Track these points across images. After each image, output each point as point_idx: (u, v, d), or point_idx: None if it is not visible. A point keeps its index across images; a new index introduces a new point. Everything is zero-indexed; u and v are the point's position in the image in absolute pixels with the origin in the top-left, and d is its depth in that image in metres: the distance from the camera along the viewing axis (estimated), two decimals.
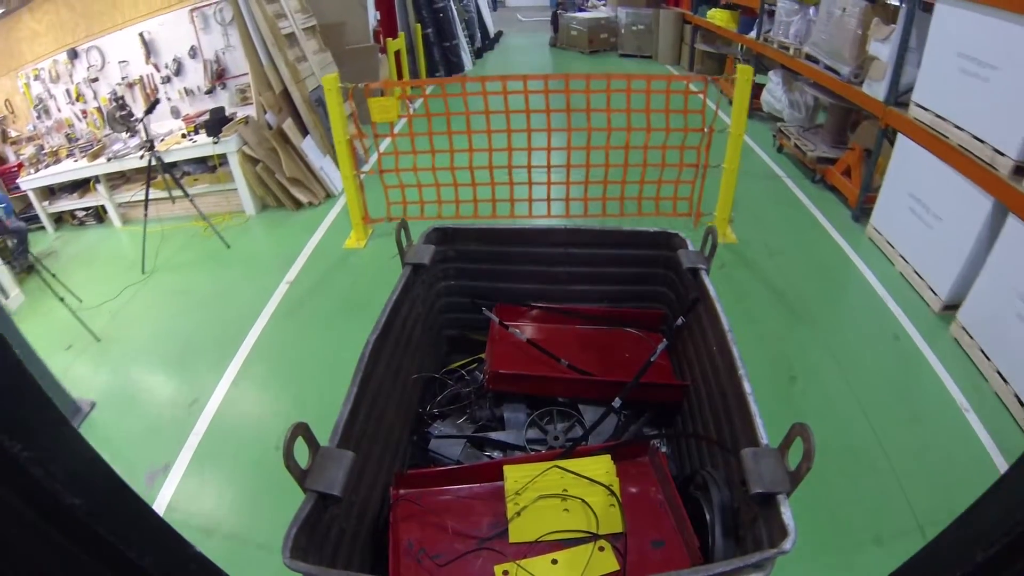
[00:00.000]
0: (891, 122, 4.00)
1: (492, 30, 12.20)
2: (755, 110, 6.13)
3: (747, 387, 1.38)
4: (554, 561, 1.40)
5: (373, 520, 1.50)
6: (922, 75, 3.70)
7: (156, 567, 0.63)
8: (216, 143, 4.68)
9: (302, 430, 1.22)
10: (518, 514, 1.51)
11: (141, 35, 5.22)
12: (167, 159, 4.78)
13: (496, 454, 1.83)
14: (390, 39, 7.20)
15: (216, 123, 4.77)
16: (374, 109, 3.67)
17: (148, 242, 4.44)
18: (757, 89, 5.55)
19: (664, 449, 1.85)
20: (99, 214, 5.40)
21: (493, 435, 1.85)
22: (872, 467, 2.52)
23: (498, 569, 1.38)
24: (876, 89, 4.12)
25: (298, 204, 4.96)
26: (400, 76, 7.62)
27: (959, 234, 3.35)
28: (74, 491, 0.54)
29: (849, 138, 5.17)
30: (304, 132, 5.03)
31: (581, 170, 4.09)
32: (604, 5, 12.52)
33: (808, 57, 5.10)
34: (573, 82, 3.83)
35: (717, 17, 7.57)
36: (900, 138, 3.95)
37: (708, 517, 1.38)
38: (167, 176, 4.47)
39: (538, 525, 1.48)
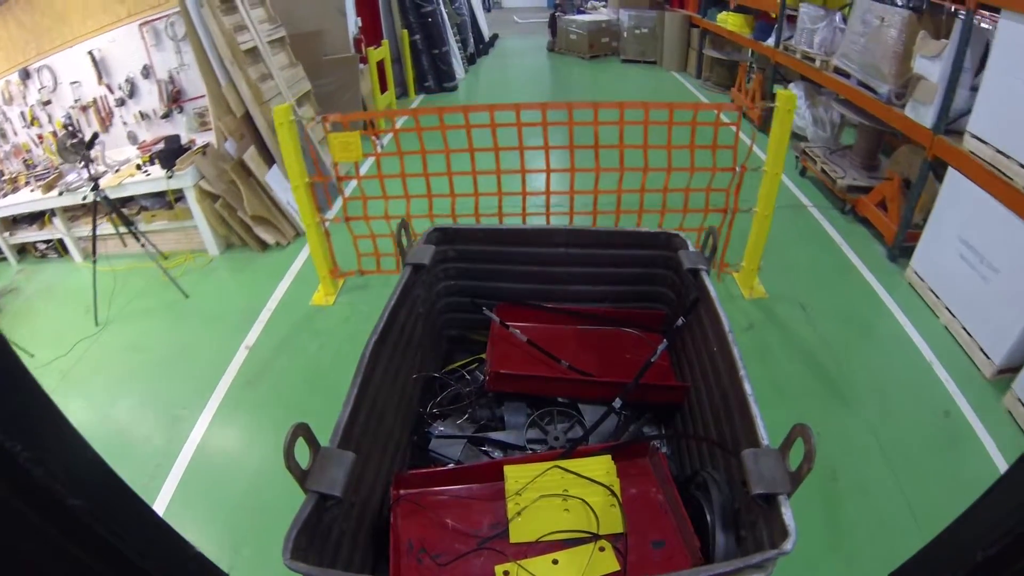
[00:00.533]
0: (940, 153, 3.46)
1: (487, 33, 11.61)
2: None
3: (748, 388, 1.37)
4: (555, 561, 1.40)
5: (373, 520, 1.50)
6: (980, 102, 3.15)
7: (156, 567, 0.63)
8: (170, 177, 4.15)
9: (303, 431, 1.22)
10: (518, 514, 1.51)
11: (91, 53, 4.70)
12: (119, 194, 4.30)
13: (496, 454, 1.82)
14: (372, 48, 6.65)
15: (170, 154, 4.24)
16: (334, 147, 3.11)
17: (105, 284, 4.05)
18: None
19: (664, 449, 1.85)
20: (57, 248, 4.92)
21: (493, 435, 1.85)
22: None
23: (499, 569, 1.38)
24: (922, 113, 3.56)
25: (264, 245, 4.43)
26: (384, 88, 7.08)
27: (1021, 290, 2.86)
28: (74, 491, 0.54)
29: (881, 162, 4.62)
30: (269, 162, 4.49)
31: (587, 217, 3.52)
32: (605, 7, 11.92)
33: (837, 70, 4.54)
34: (577, 112, 3.23)
35: (729, 21, 6.99)
36: (950, 172, 3.40)
37: (708, 517, 1.37)
38: (115, 216, 3.97)
39: (538, 525, 1.48)
